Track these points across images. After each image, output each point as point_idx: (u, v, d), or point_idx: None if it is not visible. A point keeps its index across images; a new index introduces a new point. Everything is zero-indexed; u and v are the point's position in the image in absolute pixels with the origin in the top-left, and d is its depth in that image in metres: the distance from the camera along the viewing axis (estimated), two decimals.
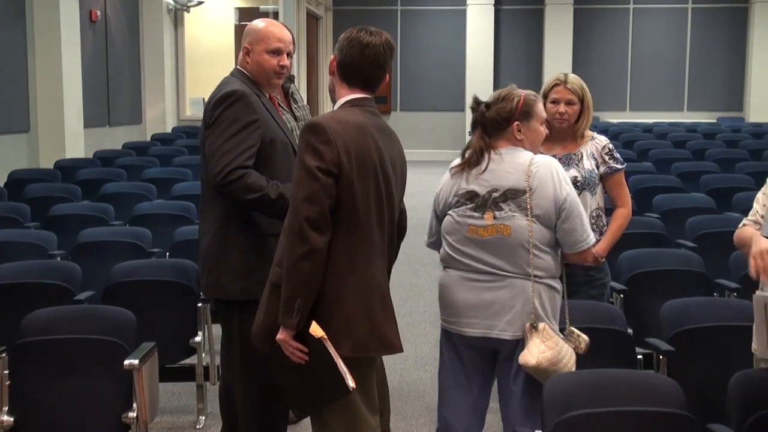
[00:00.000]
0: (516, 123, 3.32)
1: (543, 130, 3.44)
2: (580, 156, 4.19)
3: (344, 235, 2.80)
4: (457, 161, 3.41)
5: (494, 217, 3.25)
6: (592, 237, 3.33)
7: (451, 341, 3.42)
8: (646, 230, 5.80)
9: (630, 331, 4.03)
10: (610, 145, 4.30)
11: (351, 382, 2.76)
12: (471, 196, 3.32)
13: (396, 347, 2.95)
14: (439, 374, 3.54)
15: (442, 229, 3.41)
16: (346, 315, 2.82)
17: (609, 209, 4.28)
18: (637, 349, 3.93)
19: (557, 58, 17.68)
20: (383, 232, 2.95)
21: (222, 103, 3.50)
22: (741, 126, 15.27)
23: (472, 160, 3.35)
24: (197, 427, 4.61)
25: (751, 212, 3.47)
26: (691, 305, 3.98)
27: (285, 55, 3.67)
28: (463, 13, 18.27)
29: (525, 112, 3.33)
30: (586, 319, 3.76)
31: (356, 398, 2.85)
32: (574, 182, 4.14)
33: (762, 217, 3.33)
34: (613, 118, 16.71)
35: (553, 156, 4.20)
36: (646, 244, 5.40)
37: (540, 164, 3.27)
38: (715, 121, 16.96)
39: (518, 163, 3.28)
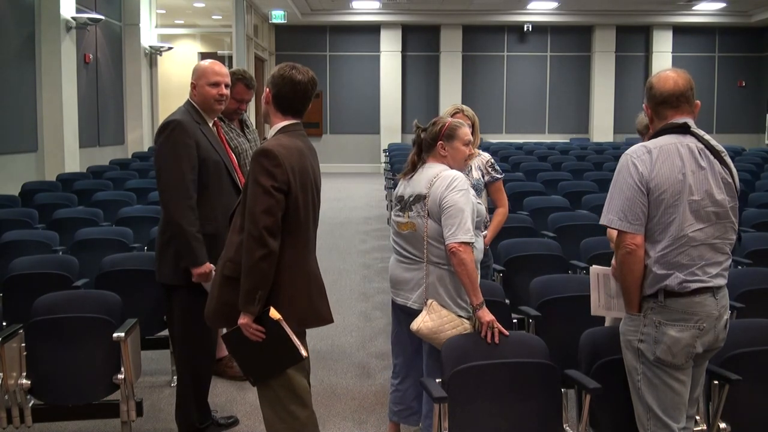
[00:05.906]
0: (440, 143, 3.32)
1: (465, 150, 3.37)
2: (470, 168, 4.24)
3: (290, 237, 2.77)
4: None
5: (408, 217, 3.26)
6: (458, 238, 3.06)
7: (393, 306, 3.44)
8: (519, 224, 5.87)
9: (507, 301, 4.07)
10: (492, 160, 4.36)
11: (304, 352, 2.76)
12: (399, 200, 3.34)
13: (328, 320, 2.95)
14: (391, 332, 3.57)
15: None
16: (292, 298, 2.79)
17: (492, 209, 4.34)
18: (513, 315, 3.97)
19: (450, 93, 17.82)
20: (314, 229, 2.95)
21: (164, 130, 3.48)
22: (587, 145, 15.50)
23: (406, 171, 3.39)
24: (171, 385, 4.52)
25: None
26: (552, 281, 4.04)
27: (223, 86, 3.63)
28: (378, 58, 18.24)
29: (448, 135, 3.32)
30: None
31: None
32: None
33: None
34: (493, 138, 16.88)
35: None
36: (519, 234, 5.45)
37: (441, 176, 3.21)
38: (568, 141, 17.26)
39: (428, 175, 3.26)
